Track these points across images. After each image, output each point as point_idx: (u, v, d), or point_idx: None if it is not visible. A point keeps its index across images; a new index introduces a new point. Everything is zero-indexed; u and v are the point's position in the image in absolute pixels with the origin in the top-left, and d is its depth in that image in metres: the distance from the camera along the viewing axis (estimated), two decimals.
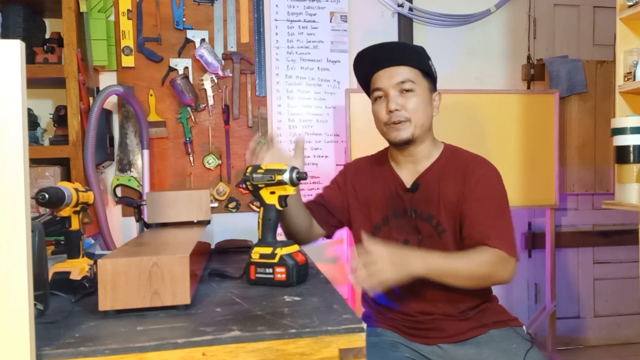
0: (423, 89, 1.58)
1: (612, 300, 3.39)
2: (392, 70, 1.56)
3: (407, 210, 1.60)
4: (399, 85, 1.55)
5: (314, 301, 1.12)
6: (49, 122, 2.59)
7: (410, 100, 1.55)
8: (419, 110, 1.56)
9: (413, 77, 1.56)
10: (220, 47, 2.80)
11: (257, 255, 1.31)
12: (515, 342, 1.51)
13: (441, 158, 1.63)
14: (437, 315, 1.55)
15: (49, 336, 0.91)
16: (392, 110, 1.54)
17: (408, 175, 1.63)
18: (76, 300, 1.16)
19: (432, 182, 1.59)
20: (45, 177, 2.32)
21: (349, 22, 2.94)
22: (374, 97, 1.60)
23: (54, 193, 1.15)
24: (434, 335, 1.55)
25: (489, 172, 1.57)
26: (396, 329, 1.59)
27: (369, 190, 1.67)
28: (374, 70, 1.60)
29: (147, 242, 1.33)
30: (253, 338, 0.90)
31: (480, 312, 1.58)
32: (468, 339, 1.54)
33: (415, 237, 1.58)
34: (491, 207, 1.52)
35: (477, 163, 1.59)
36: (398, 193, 1.62)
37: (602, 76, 3.15)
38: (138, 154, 2.73)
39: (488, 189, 1.54)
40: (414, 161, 1.63)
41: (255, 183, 1.33)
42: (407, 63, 1.57)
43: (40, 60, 2.38)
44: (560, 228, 3.27)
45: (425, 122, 1.58)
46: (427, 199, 1.58)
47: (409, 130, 1.55)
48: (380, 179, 1.67)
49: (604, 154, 3.13)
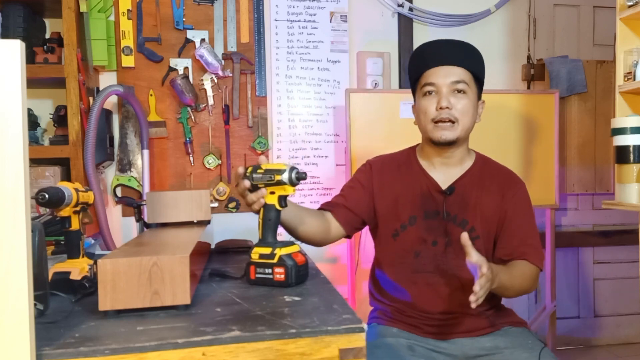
0: (473, 93, 1.59)
1: (612, 300, 3.39)
2: (449, 69, 1.56)
3: (439, 212, 1.60)
4: (454, 85, 1.55)
5: (314, 301, 1.12)
6: (49, 122, 2.59)
7: (461, 101, 1.55)
8: (467, 113, 1.57)
9: (467, 80, 1.57)
10: (220, 47, 2.80)
11: (256, 255, 1.31)
12: (530, 339, 1.56)
13: (475, 166, 1.65)
14: (457, 314, 1.58)
15: (49, 336, 0.91)
16: (444, 107, 1.53)
17: (441, 177, 1.64)
18: (76, 300, 1.16)
19: (468, 188, 1.61)
20: (45, 177, 2.32)
21: (348, 22, 2.94)
22: (424, 91, 1.59)
23: (54, 193, 1.15)
24: (451, 330, 1.58)
25: (523, 189, 1.66)
26: (412, 327, 1.60)
27: (397, 188, 1.66)
28: (430, 65, 1.58)
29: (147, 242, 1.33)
30: (253, 338, 0.90)
31: (495, 312, 1.64)
32: (485, 334, 1.59)
33: (444, 239, 1.59)
34: (528, 224, 1.62)
35: (511, 179, 1.67)
36: (431, 194, 1.62)
37: (602, 76, 3.15)
38: (138, 154, 2.73)
39: (525, 206, 1.64)
40: (448, 164, 1.64)
41: (255, 183, 1.33)
42: (465, 65, 1.57)
43: (40, 60, 2.38)
44: (560, 228, 3.27)
45: (470, 127, 1.60)
46: (462, 203, 1.60)
47: (455, 132, 1.56)
48: (409, 178, 1.66)
49: (604, 154, 3.13)
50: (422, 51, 1.65)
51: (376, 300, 1.74)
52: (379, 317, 1.69)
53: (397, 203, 1.64)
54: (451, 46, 1.63)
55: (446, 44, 1.65)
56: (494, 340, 1.55)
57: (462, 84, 1.55)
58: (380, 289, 1.71)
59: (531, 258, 1.55)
